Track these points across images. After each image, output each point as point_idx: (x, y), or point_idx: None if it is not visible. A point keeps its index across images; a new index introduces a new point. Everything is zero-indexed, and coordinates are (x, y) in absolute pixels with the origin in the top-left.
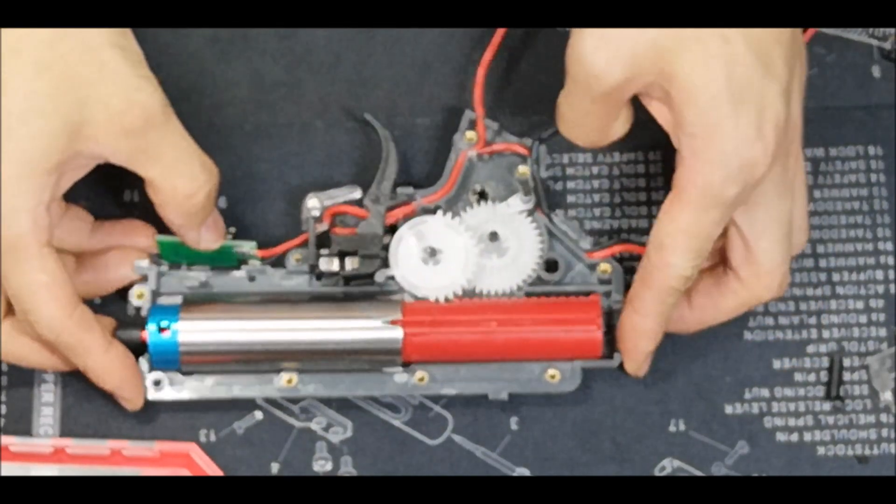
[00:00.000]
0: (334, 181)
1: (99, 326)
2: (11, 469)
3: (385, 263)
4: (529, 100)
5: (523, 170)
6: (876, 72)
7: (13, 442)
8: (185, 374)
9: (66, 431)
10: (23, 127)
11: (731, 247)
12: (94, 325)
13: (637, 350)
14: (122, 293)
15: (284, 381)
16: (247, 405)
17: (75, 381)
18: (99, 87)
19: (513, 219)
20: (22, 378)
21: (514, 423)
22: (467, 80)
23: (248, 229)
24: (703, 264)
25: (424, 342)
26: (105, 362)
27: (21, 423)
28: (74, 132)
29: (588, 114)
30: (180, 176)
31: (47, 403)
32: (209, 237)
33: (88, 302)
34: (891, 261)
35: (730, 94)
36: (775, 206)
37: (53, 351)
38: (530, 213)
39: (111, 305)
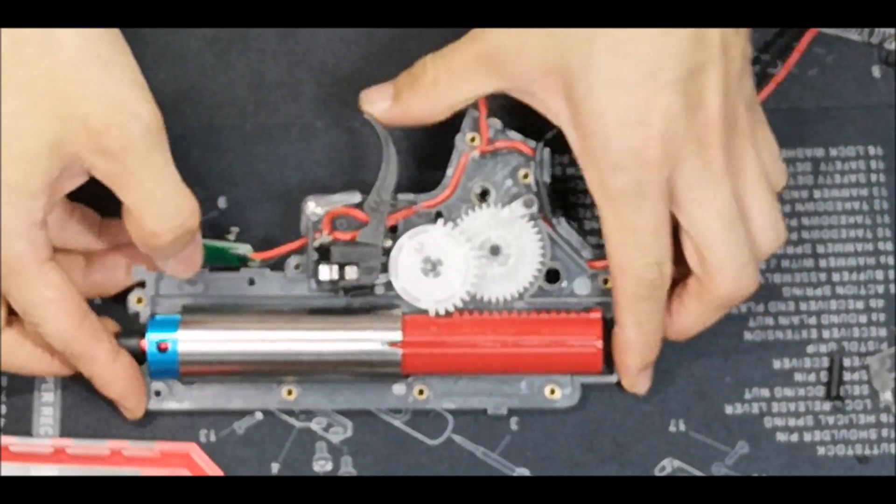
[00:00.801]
0: (334, 182)
1: (107, 335)
2: (11, 469)
3: (384, 269)
4: (518, 108)
5: (526, 173)
6: (876, 72)
7: (13, 442)
8: (184, 383)
9: (66, 432)
10: (6, 149)
11: (685, 248)
12: (103, 335)
13: (624, 365)
14: (121, 296)
15: (284, 393)
16: None
17: (75, 382)
18: (80, 105)
19: (515, 225)
20: (22, 378)
21: (514, 423)
22: None
23: (247, 229)
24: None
25: (424, 359)
26: (111, 372)
27: (21, 424)
28: (56, 151)
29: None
30: (150, 212)
31: (47, 404)
32: (177, 268)
33: (90, 303)
34: (891, 261)
35: (615, 81)
36: (708, 200)
37: (55, 356)
38: (532, 218)
39: (111, 308)
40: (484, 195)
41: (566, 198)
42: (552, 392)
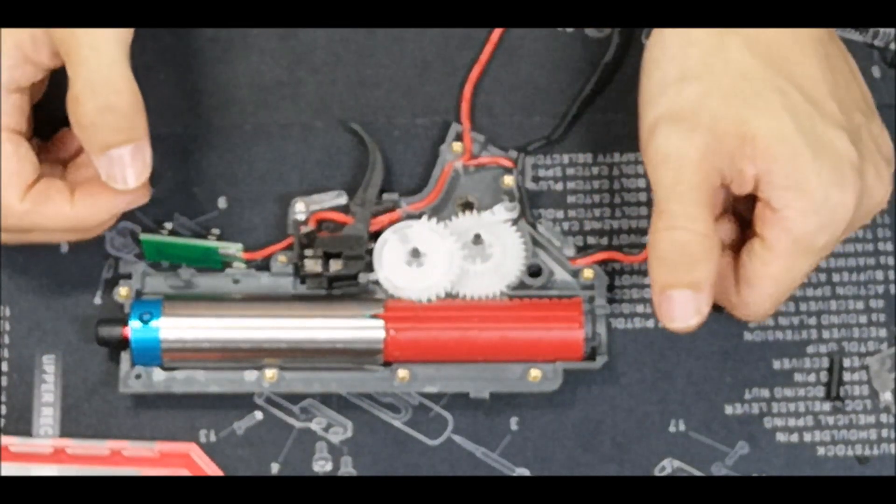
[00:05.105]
0: (334, 182)
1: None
2: (11, 469)
3: (369, 267)
4: (518, 108)
5: (508, 180)
6: (876, 72)
7: (13, 442)
8: (166, 369)
9: (66, 431)
10: None
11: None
12: (51, 195)
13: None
14: (112, 289)
15: (266, 378)
16: (246, 405)
17: (75, 381)
18: None
19: (497, 226)
20: (22, 378)
21: (514, 423)
22: (466, 80)
23: (246, 229)
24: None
25: (406, 340)
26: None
27: (21, 423)
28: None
29: (691, 217)
30: (83, 83)
31: (47, 403)
32: (122, 172)
33: (85, 301)
34: (891, 261)
35: (806, 145)
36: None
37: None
38: (514, 221)
39: (102, 303)
40: (467, 206)
41: (565, 197)
42: (534, 378)
